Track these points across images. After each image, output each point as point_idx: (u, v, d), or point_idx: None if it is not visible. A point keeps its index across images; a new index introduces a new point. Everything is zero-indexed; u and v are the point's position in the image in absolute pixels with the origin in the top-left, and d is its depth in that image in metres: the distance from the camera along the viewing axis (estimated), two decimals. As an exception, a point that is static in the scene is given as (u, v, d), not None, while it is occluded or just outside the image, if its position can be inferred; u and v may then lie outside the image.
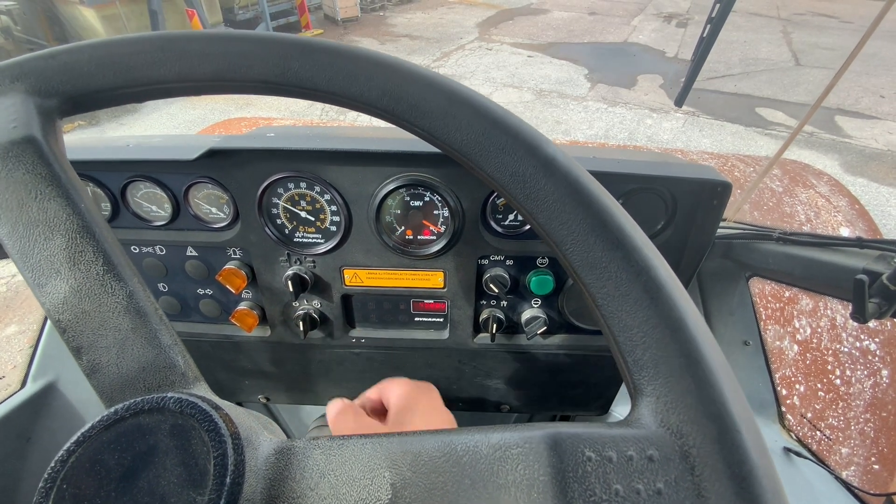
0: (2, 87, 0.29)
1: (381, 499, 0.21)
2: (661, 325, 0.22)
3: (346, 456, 0.23)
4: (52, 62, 0.29)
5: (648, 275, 0.23)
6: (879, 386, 1.16)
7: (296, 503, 0.22)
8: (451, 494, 0.21)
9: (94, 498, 0.20)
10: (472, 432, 0.22)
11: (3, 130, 0.27)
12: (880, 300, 0.57)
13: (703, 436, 0.19)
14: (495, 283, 0.67)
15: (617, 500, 0.19)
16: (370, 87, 0.29)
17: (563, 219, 0.25)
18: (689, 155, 1.60)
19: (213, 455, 0.20)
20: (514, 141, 0.27)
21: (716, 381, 0.20)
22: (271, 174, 0.61)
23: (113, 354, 0.26)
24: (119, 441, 0.21)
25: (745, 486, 0.19)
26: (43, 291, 0.27)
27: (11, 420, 0.88)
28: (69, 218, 0.27)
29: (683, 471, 0.19)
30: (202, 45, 0.29)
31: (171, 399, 0.22)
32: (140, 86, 0.30)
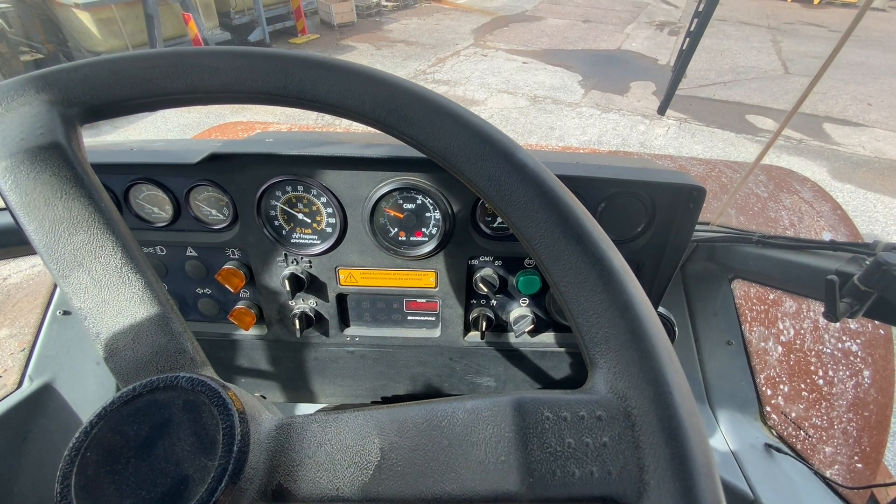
0: (28, 97, 0.31)
1: (372, 461, 0.24)
2: (612, 307, 0.25)
3: (340, 427, 0.25)
4: (75, 75, 0.32)
5: (602, 265, 0.26)
6: (861, 386, 1.19)
7: (295, 470, 0.24)
8: (432, 453, 0.23)
9: (115, 463, 0.22)
10: (450, 401, 0.25)
11: (31, 136, 0.30)
12: (851, 300, 0.60)
13: (642, 398, 0.23)
14: (485, 282, 0.70)
15: (569, 451, 0.23)
16: (364, 100, 0.32)
17: (532, 217, 0.29)
18: (678, 161, 1.63)
19: (221, 427, 0.23)
20: (490, 148, 0.30)
21: (656, 354, 0.24)
22: (270, 178, 0.64)
23: (129, 339, 0.28)
24: (137, 414, 0.24)
25: (674, 437, 0.22)
26: (67, 282, 0.29)
27: (8, 419, 0.89)
28: (91, 216, 0.30)
29: (625, 427, 0.23)
30: (212, 60, 0.32)
31: (184, 378, 0.25)
32: (154, 97, 0.33)
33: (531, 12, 10.00)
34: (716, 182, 1.45)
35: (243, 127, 1.80)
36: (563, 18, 9.56)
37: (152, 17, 5.49)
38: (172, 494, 0.22)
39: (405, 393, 0.87)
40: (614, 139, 5.13)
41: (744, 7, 10.57)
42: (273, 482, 0.24)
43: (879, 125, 5.44)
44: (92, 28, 5.32)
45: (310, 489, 0.24)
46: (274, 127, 1.78)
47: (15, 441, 0.90)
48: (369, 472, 0.24)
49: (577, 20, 9.46)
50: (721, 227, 0.84)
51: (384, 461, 0.24)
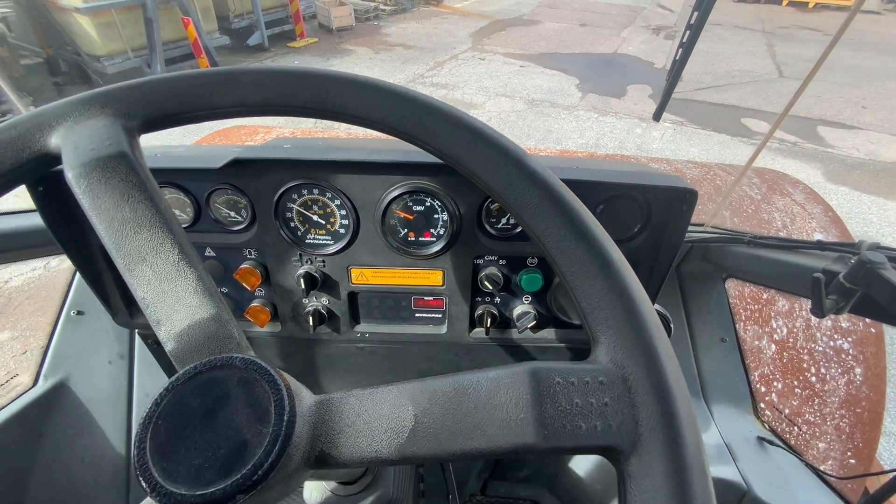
0: (93, 111, 0.35)
1: (407, 425, 0.27)
2: (611, 292, 0.30)
3: (376, 399, 0.29)
4: (135, 91, 0.36)
5: (603, 257, 0.31)
6: (853, 383, 1.22)
7: (336, 438, 0.27)
8: (460, 415, 0.27)
9: (183, 430, 0.26)
10: (474, 373, 0.29)
11: (101, 146, 0.34)
12: (837, 297, 0.63)
13: (637, 366, 0.27)
14: (490, 280, 0.73)
15: (577, 409, 0.27)
16: (391, 114, 0.36)
17: (542, 217, 0.33)
18: (673, 164, 1.67)
19: (273, 400, 0.26)
20: (504, 157, 0.35)
21: (648, 330, 0.28)
22: (287, 181, 0.67)
23: (185, 326, 0.32)
24: (199, 388, 0.27)
25: (663, 398, 0.26)
26: (132, 274, 0.33)
27: (23, 417, 0.91)
28: (153, 216, 0.33)
29: (623, 390, 0.27)
30: (254, 78, 0.36)
31: (238, 358, 0.28)
32: (204, 110, 0.37)
33: (528, 16, 10.07)
34: (710, 185, 1.49)
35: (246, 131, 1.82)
36: (560, 22, 9.63)
37: (152, 21, 5.52)
38: (234, 456, 0.25)
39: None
40: (611, 142, 5.18)
41: (739, 11, 10.67)
42: (316, 449, 0.27)
43: (873, 128, 5.50)
44: (92, 32, 5.34)
45: (350, 454, 0.27)
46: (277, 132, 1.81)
47: (30, 438, 0.93)
48: (405, 435, 0.27)
49: (573, 24, 9.54)
50: (715, 228, 0.87)
51: (418, 425, 0.27)
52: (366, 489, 0.58)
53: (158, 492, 0.24)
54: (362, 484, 0.58)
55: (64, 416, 0.98)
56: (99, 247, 0.73)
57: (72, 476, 0.99)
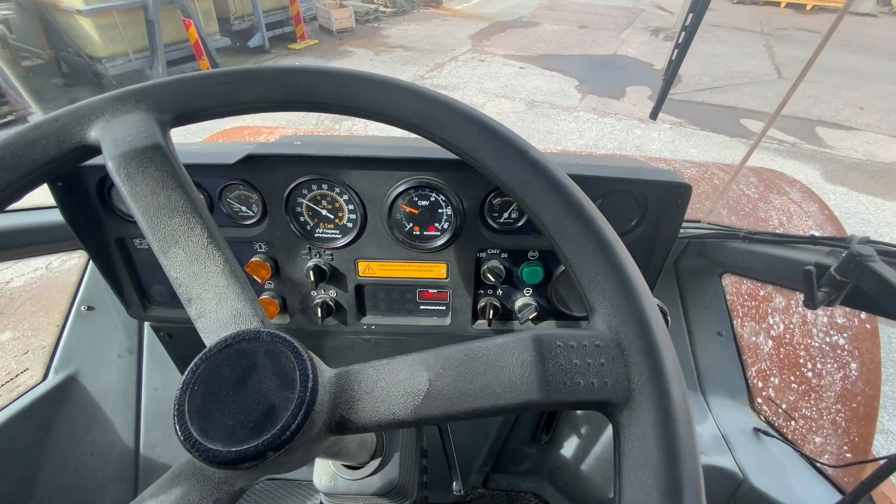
0: (129, 106, 0.38)
1: (422, 389, 0.29)
2: (606, 267, 0.32)
3: (392, 367, 0.31)
4: (167, 88, 0.39)
5: (599, 236, 0.34)
6: (849, 378, 1.24)
7: (355, 404, 0.30)
8: (471, 377, 0.30)
9: (217, 394, 0.28)
10: (484, 340, 0.31)
11: (137, 139, 0.36)
12: (829, 289, 0.65)
13: (629, 331, 0.30)
14: (492, 273, 0.76)
15: (576, 368, 0.29)
16: (405, 109, 0.39)
17: (543, 201, 0.36)
18: (672, 163, 1.69)
19: (298, 369, 0.29)
20: (509, 148, 0.37)
21: (639, 299, 0.31)
22: (298, 177, 0.69)
23: (213, 304, 0.34)
24: (230, 359, 0.29)
25: (652, 358, 0.28)
26: (166, 256, 0.35)
27: (34, 410, 0.93)
28: (185, 203, 0.36)
29: (617, 352, 0.29)
30: (276, 76, 0.39)
31: (264, 332, 0.30)
32: (230, 106, 0.40)
33: (528, 18, 10.11)
34: (708, 183, 1.51)
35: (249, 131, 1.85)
36: (560, 24, 9.67)
37: (153, 23, 5.55)
38: (264, 418, 0.27)
39: None
40: (611, 143, 5.20)
41: (737, 13, 10.72)
42: (336, 415, 0.30)
43: (871, 129, 5.53)
44: (93, 34, 5.36)
45: (369, 418, 0.30)
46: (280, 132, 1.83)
47: (40, 430, 0.95)
48: (420, 397, 0.29)
49: (573, 26, 9.58)
50: (711, 224, 0.89)
51: (432, 388, 0.29)
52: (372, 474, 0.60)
53: (198, 448, 0.26)
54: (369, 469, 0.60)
55: (73, 410, 0.99)
56: (115, 240, 0.75)
57: (80, 469, 1.01)
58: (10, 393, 0.94)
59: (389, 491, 0.59)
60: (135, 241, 0.76)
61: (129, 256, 0.77)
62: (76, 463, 1.00)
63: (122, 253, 0.76)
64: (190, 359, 0.92)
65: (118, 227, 0.74)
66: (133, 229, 0.74)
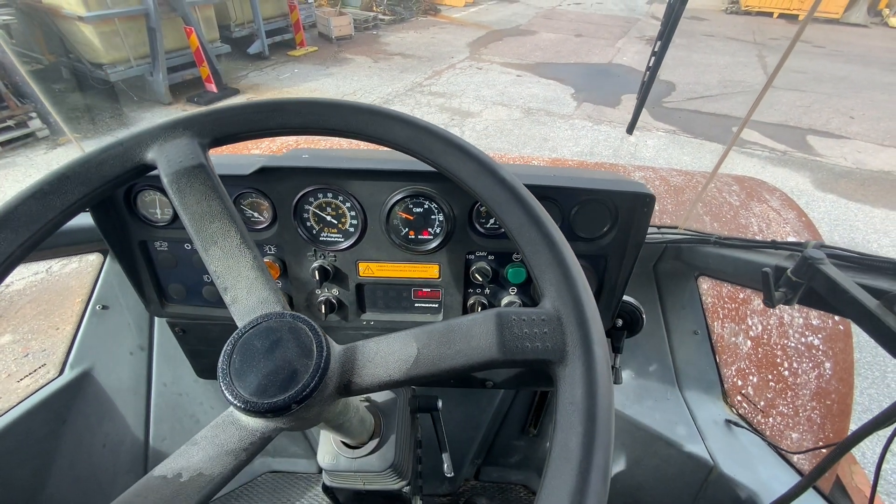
0: (178, 133, 0.46)
1: (412, 355, 0.37)
2: (553, 262, 0.40)
3: (389, 341, 0.38)
4: (207, 117, 0.47)
5: (549, 238, 0.41)
6: (823, 377, 1.30)
7: (359, 370, 0.37)
8: (450, 343, 0.37)
9: (251, 361, 0.35)
10: (460, 318, 0.39)
11: (186, 159, 0.45)
12: (787, 289, 0.72)
13: (567, 309, 0.37)
14: (480, 273, 0.83)
15: (526, 335, 0.37)
16: (400, 135, 0.48)
17: (509, 209, 0.44)
18: (659, 172, 1.76)
19: (314, 342, 0.36)
20: (483, 168, 0.46)
21: (577, 287, 0.38)
22: (306, 186, 0.77)
23: (244, 293, 0.41)
24: (260, 334, 0.36)
25: (583, 329, 0.36)
26: (207, 254, 0.42)
27: (49, 404, 0.99)
28: (223, 211, 0.44)
29: (557, 324, 0.37)
30: (296, 108, 0.48)
31: (287, 314, 0.38)
32: (258, 131, 0.48)
33: (525, 27, 10.25)
34: (693, 191, 1.58)
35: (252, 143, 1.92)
36: (557, 33, 9.81)
37: (155, 30, 5.63)
38: (288, 379, 0.34)
39: None
40: (606, 150, 5.29)
41: (731, 23, 10.90)
42: (344, 379, 0.37)
43: (861, 137, 5.64)
44: (94, 40, 5.43)
45: (370, 380, 0.37)
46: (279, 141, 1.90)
47: (55, 423, 1.00)
48: (410, 362, 0.37)
49: (569, 35, 9.72)
50: (686, 230, 0.96)
51: (420, 355, 0.37)
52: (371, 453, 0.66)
53: (239, 399, 0.33)
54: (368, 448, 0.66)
55: (87, 404, 1.05)
56: (138, 243, 0.83)
57: (93, 460, 1.06)
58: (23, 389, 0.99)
59: (386, 469, 0.66)
60: (156, 243, 0.83)
61: (149, 258, 0.84)
62: (89, 454, 1.05)
63: (144, 254, 0.84)
64: (201, 353, 1.00)
65: (142, 231, 0.81)
66: (155, 233, 0.82)
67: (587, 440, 0.31)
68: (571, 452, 0.30)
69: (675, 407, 1.03)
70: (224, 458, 0.34)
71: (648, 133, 5.64)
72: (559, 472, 0.30)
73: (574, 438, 0.31)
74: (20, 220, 0.41)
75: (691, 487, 0.94)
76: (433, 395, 0.84)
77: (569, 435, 0.31)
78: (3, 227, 0.40)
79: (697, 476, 0.92)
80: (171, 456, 0.34)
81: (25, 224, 0.41)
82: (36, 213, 0.41)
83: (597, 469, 0.30)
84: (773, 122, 5.94)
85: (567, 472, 0.30)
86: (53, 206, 0.42)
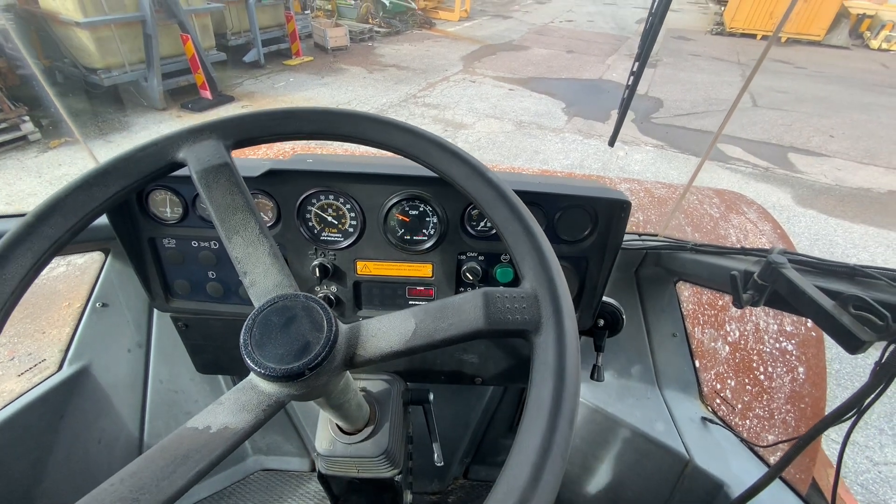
0: (205, 135, 0.51)
1: (410, 329, 0.41)
2: (532, 250, 0.45)
3: (390, 318, 0.43)
4: (231, 123, 0.53)
5: (529, 231, 0.47)
6: (797, 381, 1.37)
7: (363, 344, 0.41)
8: (443, 318, 0.42)
9: (269, 335, 0.39)
10: (452, 297, 0.44)
11: (213, 158, 0.50)
12: (754, 292, 0.77)
13: (543, 289, 0.42)
14: (471, 272, 0.89)
15: (507, 309, 0.42)
16: (400, 141, 0.54)
17: (496, 207, 0.49)
18: (644, 184, 1.84)
19: (325, 319, 0.40)
20: (475, 172, 0.51)
21: (552, 272, 0.43)
22: (309, 188, 0.82)
23: (262, 276, 0.46)
24: (277, 311, 0.41)
25: (556, 305, 0.41)
26: (230, 242, 0.47)
27: (48, 399, 1.01)
28: (244, 204, 0.48)
29: (534, 301, 0.42)
30: (309, 115, 0.54)
31: (301, 294, 0.42)
32: (274, 135, 0.53)
33: (518, 42, 10.46)
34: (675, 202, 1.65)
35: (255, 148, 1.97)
36: (549, 49, 10.03)
37: (151, 37, 5.66)
38: (302, 349, 0.38)
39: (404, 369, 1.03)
40: (595, 163, 5.40)
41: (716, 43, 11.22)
42: (350, 352, 0.41)
43: (840, 155, 5.83)
44: (90, 46, 5.45)
45: (373, 352, 0.41)
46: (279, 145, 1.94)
47: (53, 418, 1.02)
48: (408, 335, 0.41)
49: (561, 50, 9.93)
50: (666, 237, 1.02)
51: (417, 328, 0.41)
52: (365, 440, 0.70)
53: (259, 365, 0.37)
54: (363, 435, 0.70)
55: (85, 400, 1.07)
56: (147, 240, 0.87)
57: (88, 455, 1.08)
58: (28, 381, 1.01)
59: (380, 455, 0.70)
60: (164, 240, 0.87)
61: (157, 254, 0.88)
62: (85, 449, 1.07)
63: (152, 251, 0.88)
64: (202, 348, 1.05)
65: (151, 228, 0.85)
66: (164, 230, 0.86)
67: (556, 393, 0.36)
68: (543, 402, 0.35)
69: (654, 405, 1.08)
70: (245, 416, 0.38)
71: (637, 147, 5.77)
72: (533, 418, 0.35)
73: (546, 392, 0.36)
74: (69, 208, 0.45)
75: (669, 480, 0.99)
76: (425, 388, 0.88)
77: (541, 389, 0.36)
78: (54, 213, 0.44)
79: (674, 469, 0.97)
80: (201, 413, 0.38)
81: (73, 211, 0.45)
82: (82, 202, 0.46)
83: (564, 415, 0.35)
84: (755, 139, 6.12)
85: (540, 418, 0.35)
86: (96, 196, 0.47)
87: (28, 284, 0.43)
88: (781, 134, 6.30)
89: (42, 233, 0.43)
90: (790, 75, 8.92)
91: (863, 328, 0.59)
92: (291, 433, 1.50)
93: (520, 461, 0.33)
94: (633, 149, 5.74)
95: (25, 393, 0.98)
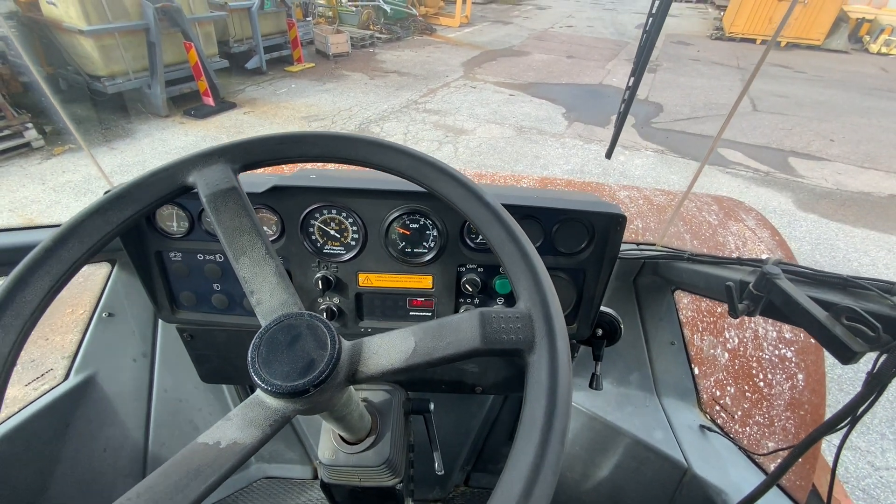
0: (213, 160, 0.53)
1: (410, 346, 0.43)
2: (527, 272, 0.47)
3: (391, 336, 0.45)
4: (238, 147, 0.54)
5: (524, 252, 0.48)
6: (796, 388, 1.37)
7: (365, 361, 0.43)
8: (441, 337, 0.43)
9: (276, 353, 0.41)
10: (450, 317, 0.45)
11: (221, 182, 0.52)
12: (749, 302, 0.78)
13: (537, 311, 0.44)
14: (470, 284, 0.90)
15: (503, 329, 0.43)
16: (400, 164, 0.56)
17: (491, 227, 0.51)
18: (643, 192, 1.85)
19: (329, 337, 0.42)
20: (471, 194, 0.53)
21: (546, 293, 0.45)
22: (312, 203, 0.85)
23: (268, 296, 0.47)
24: (283, 330, 0.42)
25: (549, 326, 0.42)
26: (237, 262, 0.49)
27: (54, 407, 1.02)
28: (251, 226, 0.50)
29: (528, 321, 0.43)
30: (314, 140, 0.56)
31: (305, 314, 0.44)
32: (280, 159, 0.55)
33: (518, 47, 10.52)
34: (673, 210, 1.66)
35: None
36: (549, 54, 10.08)
37: (154, 44, 5.72)
38: (307, 367, 0.40)
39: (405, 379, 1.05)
40: (596, 168, 5.42)
41: (716, 48, 11.27)
42: (352, 369, 0.43)
43: (840, 159, 5.84)
44: (94, 54, 5.50)
45: (374, 370, 0.43)
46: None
47: (59, 426, 1.03)
48: (408, 353, 0.43)
49: (561, 56, 9.98)
50: (663, 247, 1.03)
51: (417, 346, 0.43)
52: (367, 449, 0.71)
53: (265, 382, 0.39)
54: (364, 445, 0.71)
55: (90, 408, 1.08)
56: (154, 253, 0.89)
57: (94, 464, 1.09)
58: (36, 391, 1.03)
59: (381, 464, 0.71)
60: (170, 253, 0.89)
61: (164, 267, 0.90)
62: (90, 458, 1.09)
63: (159, 264, 0.90)
64: (207, 358, 1.07)
65: (158, 242, 0.87)
66: (170, 244, 0.88)
67: (549, 410, 0.37)
68: (536, 419, 0.37)
69: (653, 413, 1.09)
70: (253, 431, 0.39)
71: (637, 152, 5.79)
72: (527, 434, 0.37)
73: (539, 409, 0.38)
74: (85, 232, 0.47)
75: (667, 488, 1.00)
76: (426, 398, 0.89)
77: (535, 406, 0.38)
78: (71, 237, 0.46)
79: (673, 477, 0.98)
80: (211, 428, 0.39)
81: (89, 235, 0.48)
82: (98, 226, 0.48)
83: (556, 432, 0.36)
84: (756, 143, 6.14)
85: (533, 434, 0.36)
86: (111, 220, 0.49)
87: (46, 306, 0.44)
88: (781, 138, 6.32)
89: (60, 256, 0.45)
90: (790, 79, 8.95)
91: (855, 339, 0.60)
92: (294, 441, 1.51)
93: (512, 477, 0.35)
94: (633, 154, 5.76)
95: (33, 402, 1.00)
